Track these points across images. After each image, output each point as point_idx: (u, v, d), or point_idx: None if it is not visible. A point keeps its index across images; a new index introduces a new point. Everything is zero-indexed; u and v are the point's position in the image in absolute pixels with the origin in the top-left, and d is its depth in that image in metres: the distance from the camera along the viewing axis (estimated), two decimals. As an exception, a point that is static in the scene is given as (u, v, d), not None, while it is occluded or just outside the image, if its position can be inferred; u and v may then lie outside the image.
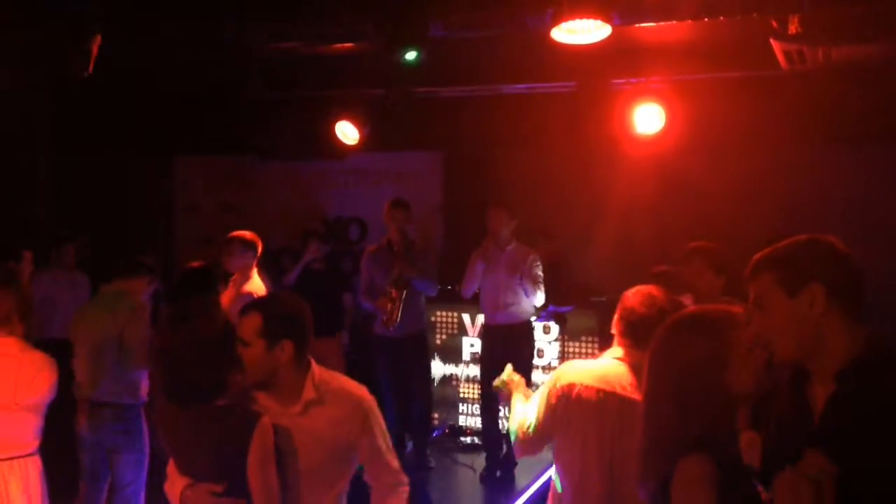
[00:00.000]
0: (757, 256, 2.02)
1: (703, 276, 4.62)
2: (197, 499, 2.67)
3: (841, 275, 1.93)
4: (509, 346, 6.55)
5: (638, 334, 2.90)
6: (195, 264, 5.59)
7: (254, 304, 2.89)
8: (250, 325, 2.71)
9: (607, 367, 3.03)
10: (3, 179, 7.84)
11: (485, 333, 6.85)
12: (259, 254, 5.94)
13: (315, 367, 2.82)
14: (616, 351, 3.06)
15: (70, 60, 6.34)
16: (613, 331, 3.07)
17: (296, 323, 2.76)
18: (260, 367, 2.71)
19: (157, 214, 9.42)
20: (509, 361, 6.50)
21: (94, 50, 6.19)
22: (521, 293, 6.49)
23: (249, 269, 5.87)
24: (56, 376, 3.79)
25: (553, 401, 3.02)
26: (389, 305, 6.50)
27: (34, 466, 3.77)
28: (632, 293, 3.03)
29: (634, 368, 2.90)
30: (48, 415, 3.84)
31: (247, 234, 6.01)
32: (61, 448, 4.88)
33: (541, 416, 3.06)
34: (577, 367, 3.11)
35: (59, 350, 4.43)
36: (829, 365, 1.92)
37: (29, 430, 3.73)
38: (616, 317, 3.04)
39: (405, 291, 6.53)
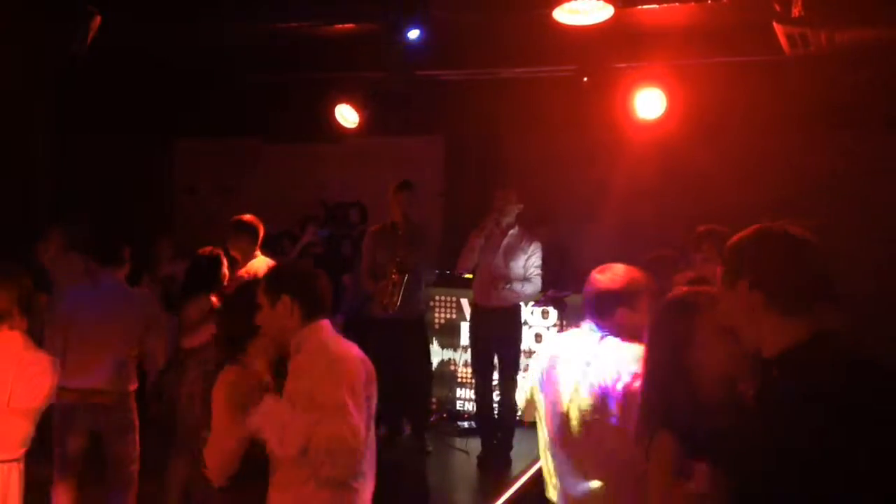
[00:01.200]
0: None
1: (712, 261, 4.60)
2: None
3: (772, 271, 1.93)
4: (497, 329, 6.55)
5: (584, 307, 3.13)
6: (205, 251, 5.61)
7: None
8: (259, 289, 2.92)
9: (565, 337, 3.40)
10: (4, 162, 7.81)
11: (473, 314, 6.83)
12: (260, 235, 5.92)
13: (325, 329, 2.92)
14: None
15: (70, 40, 6.33)
16: None
17: (293, 279, 2.92)
18: (268, 325, 2.90)
19: (157, 196, 9.38)
20: (498, 344, 6.58)
21: (94, 29, 6.17)
22: (513, 284, 6.48)
23: (249, 251, 5.85)
24: (56, 381, 3.66)
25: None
26: (390, 288, 6.47)
27: (16, 473, 3.60)
28: None
29: (582, 333, 3.10)
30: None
31: (245, 217, 6.00)
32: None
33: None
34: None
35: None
36: (768, 356, 1.96)
37: (16, 434, 3.58)
38: None
39: (406, 276, 6.50)
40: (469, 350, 7.06)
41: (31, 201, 8.00)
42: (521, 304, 6.76)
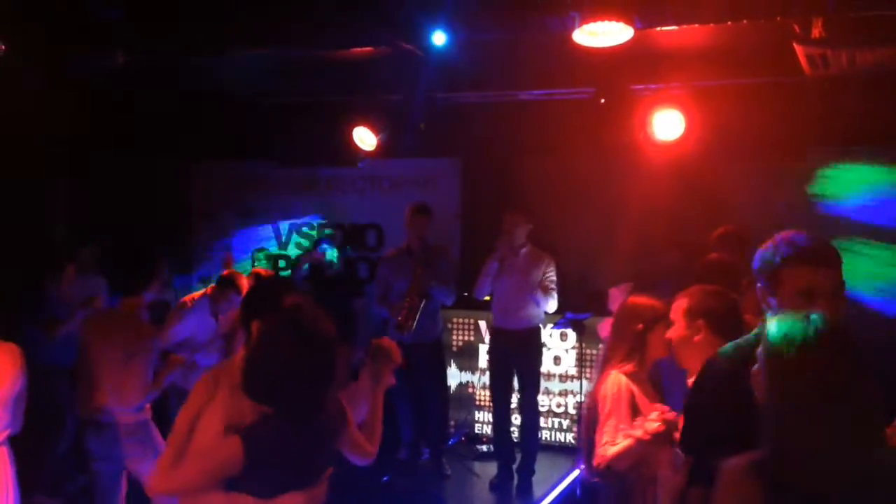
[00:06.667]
0: None
1: None
2: None
3: None
4: (518, 352, 6.51)
5: None
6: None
7: None
8: None
9: None
10: (23, 185, 7.86)
11: (493, 336, 6.80)
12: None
13: None
14: None
15: (92, 67, 6.41)
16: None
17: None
18: None
19: (175, 219, 9.42)
20: (518, 366, 6.54)
21: (118, 59, 6.25)
22: (532, 299, 6.44)
23: None
24: (21, 366, 3.68)
25: None
26: (405, 313, 6.45)
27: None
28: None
29: None
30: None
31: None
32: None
33: None
34: None
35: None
36: None
37: None
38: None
39: (423, 302, 6.48)
40: (488, 372, 7.02)
41: (49, 226, 8.04)
42: (541, 325, 6.72)
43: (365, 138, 7.78)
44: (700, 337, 2.97)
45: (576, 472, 6.03)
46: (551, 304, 6.49)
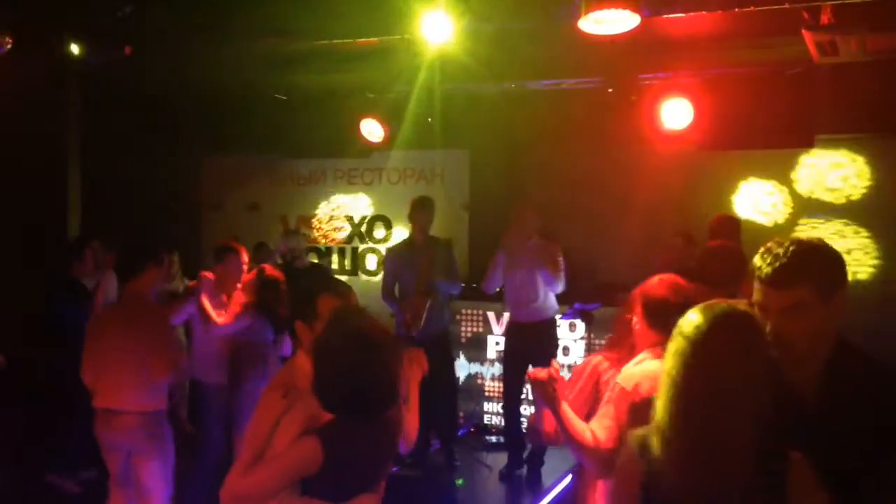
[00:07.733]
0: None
1: None
2: None
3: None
4: (533, 345, 6.50)
5: None
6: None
7: None
8: None
9: None
10: (36, 181, 7.90)
11: (509, 330, 6.81)
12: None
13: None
14: None
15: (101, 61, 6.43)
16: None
17: None
18: None
19: (185, 213, 9.45)
20: (532, 360, 6.52)
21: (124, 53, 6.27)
22: (544, 289, 6.43)
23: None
24: None
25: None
26: (412, 313, 6.45)
27: None
28: None
29: None
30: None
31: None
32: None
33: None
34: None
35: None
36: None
37: None
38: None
39: (429, 300, 6.48)
40: (501, 364, 7.02)
41: (63, 220, 8.08)
42: (555, 317, 6.71)
43: (373, 130, 7.77)
44: (637, 325, 3.01)
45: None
46: (559, 284, 6.45)
